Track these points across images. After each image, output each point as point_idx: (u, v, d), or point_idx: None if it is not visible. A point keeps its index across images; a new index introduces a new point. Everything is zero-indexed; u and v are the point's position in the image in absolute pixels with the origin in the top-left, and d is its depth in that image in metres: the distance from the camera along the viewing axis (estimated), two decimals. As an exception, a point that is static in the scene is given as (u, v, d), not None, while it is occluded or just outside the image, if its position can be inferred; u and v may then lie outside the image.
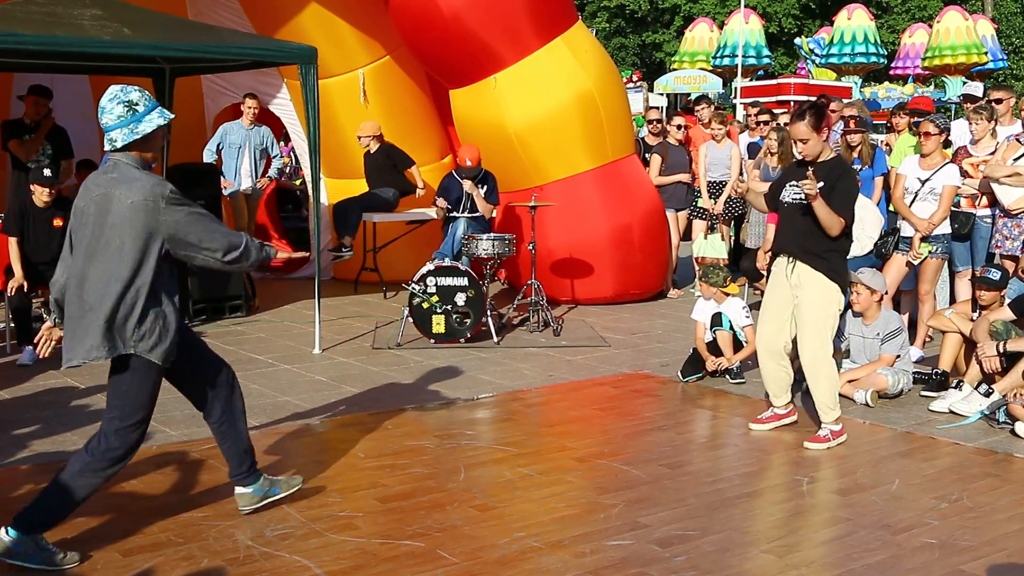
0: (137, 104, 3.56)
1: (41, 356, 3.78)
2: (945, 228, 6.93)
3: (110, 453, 3.61)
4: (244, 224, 9.62)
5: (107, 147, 3.58)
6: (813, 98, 5.61)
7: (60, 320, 3.71)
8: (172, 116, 3.66)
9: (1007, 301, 5.93)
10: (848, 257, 5.28)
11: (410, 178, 9.12)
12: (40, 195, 6.85)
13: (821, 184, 4.94)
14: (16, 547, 3.52)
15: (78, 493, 3.60)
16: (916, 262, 6.95)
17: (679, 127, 9.67)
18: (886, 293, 6.35)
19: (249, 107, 9.46)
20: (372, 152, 9.12)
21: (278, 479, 4.17)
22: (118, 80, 9.09)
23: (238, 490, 4.03)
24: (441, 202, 8.09)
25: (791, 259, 5.12)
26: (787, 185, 5.15)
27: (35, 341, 3.85)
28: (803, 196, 4.94)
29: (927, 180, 6.87)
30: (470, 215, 8.05)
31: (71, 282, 3.59)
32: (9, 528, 3.55)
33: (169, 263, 3.63)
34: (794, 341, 5.25)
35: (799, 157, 5.13)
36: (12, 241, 6.80)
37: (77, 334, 3.54)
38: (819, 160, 5.05)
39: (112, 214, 3.51)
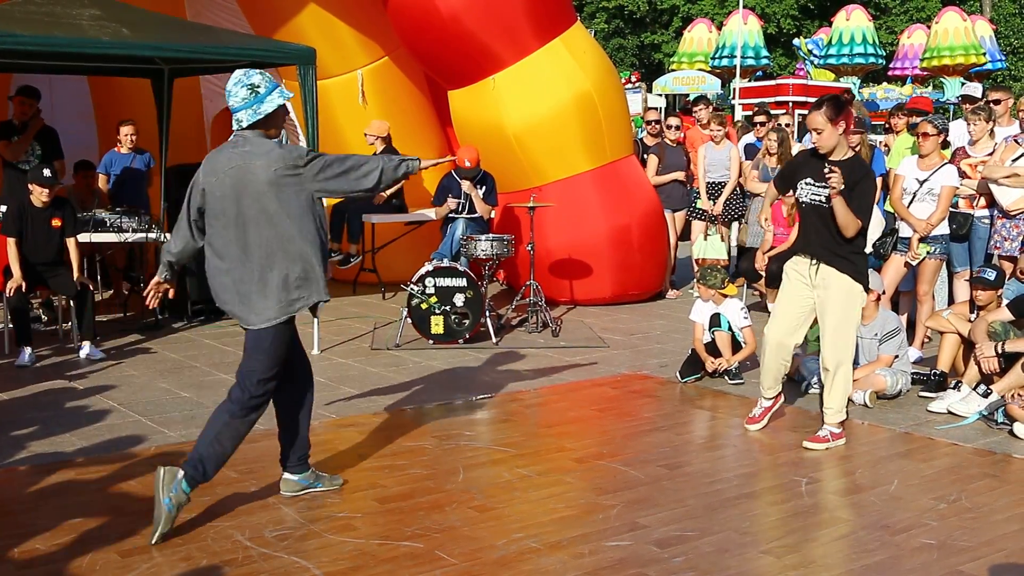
0: (259, 86, 3.87)
1: (150, 307, 4.18)
2: (943, 229, 6.94)
3: (253, 401, 3.97)
4: None
5: (234, 126, 3.87)
6: (813, 99, 5.60)
7: (171, 277, 4.16)
8: (291, 95, 3.96)
9: (1005, 302, 5.93)
10: None
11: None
12: (39, 195, 6.85)
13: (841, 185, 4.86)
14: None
15: (228, 444, 3.95)
16: (915, 263, 6.95)
17: (675, 127, 9.67)
18: (883, 293, 6.35)
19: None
20: (376, 154, 9.12)
21: (323, 475, 4.37)
22: (116, 81, 9.16)
23: (285, 475, 4.28)
24: (452, 202, 8.08)
25: (814, 260, 5.06)
26: (804, 183, 5.05)
27: (144, 293, 4.19)
28: (822, 199, 4.89)
29: (925, 181, 6.87)
30: (469, 216, 8.05)
31: (231, 250, 3.87)
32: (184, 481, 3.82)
33: (313, 217, 3.92)
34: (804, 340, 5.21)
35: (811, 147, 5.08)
36: (10, 242, 6.79)
37: (254, 298, 3.87)
38: (837, 158, 4.97)
39: (253, 183, 3.79)
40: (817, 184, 4.96)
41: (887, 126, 9.16)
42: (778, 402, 5.42)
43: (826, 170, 4.87)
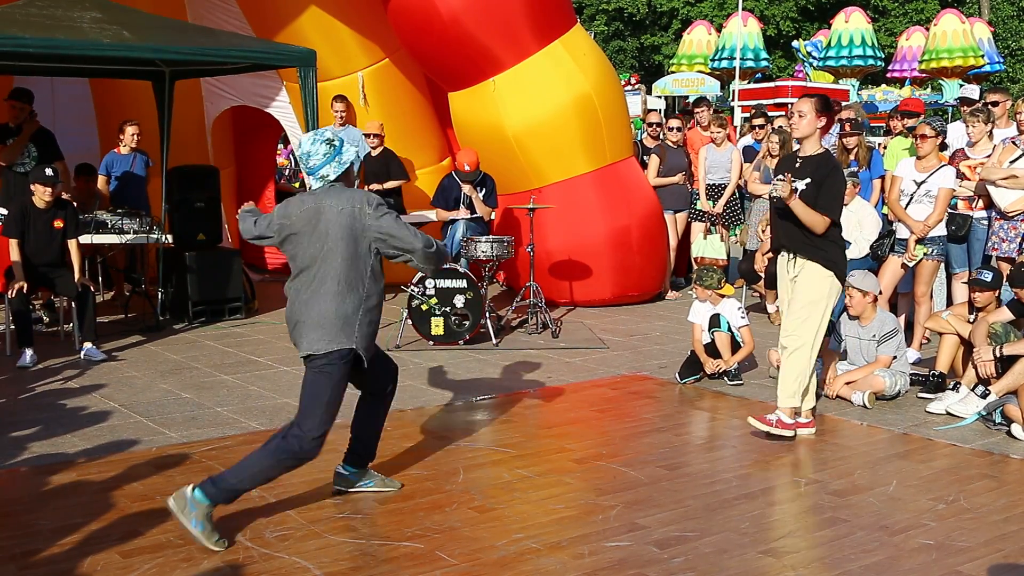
0: (334, 140, 4.00)
1: None
2: (940, 230, 6.95)
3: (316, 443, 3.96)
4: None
5: (317, 184, 3.99)
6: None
7: None
8: (359, 148, 4.00)
9: (1004, 302, 5.95)
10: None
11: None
12: (42, 195, 6.86)
13: (808, 180, 5.01)
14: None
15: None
16: (912, 264, 6.97)
17: (677, 129, 9.69)
18: (879, 294, 6.37)
19: (337, 111, 9.29)
20: (374, 155, 9.13)
21: (377, 475, 4.41)
22: (118, 83, 9.17)
23: (338, 468, 4.34)
24: (463, 211, 8.11)
25: (791, 255, 5.18)
26: (774, 181, 5.18)
27: None
28: (776, 197, 5.01)
29: (923, 182, 6.89)
30: (469, 217, 8.07)
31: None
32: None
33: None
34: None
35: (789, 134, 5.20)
36: (12, 243, 6.81)
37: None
38: (808, 154, 5.12)
39: (324, 222, 3.90)
40: (773, 184, 5.09)
41: (888, 128, 9.19)
42: (811, 426, 5.30)
43: (779, 176, 5.03)
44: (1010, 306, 5.85)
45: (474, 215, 8.10)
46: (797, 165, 5.12)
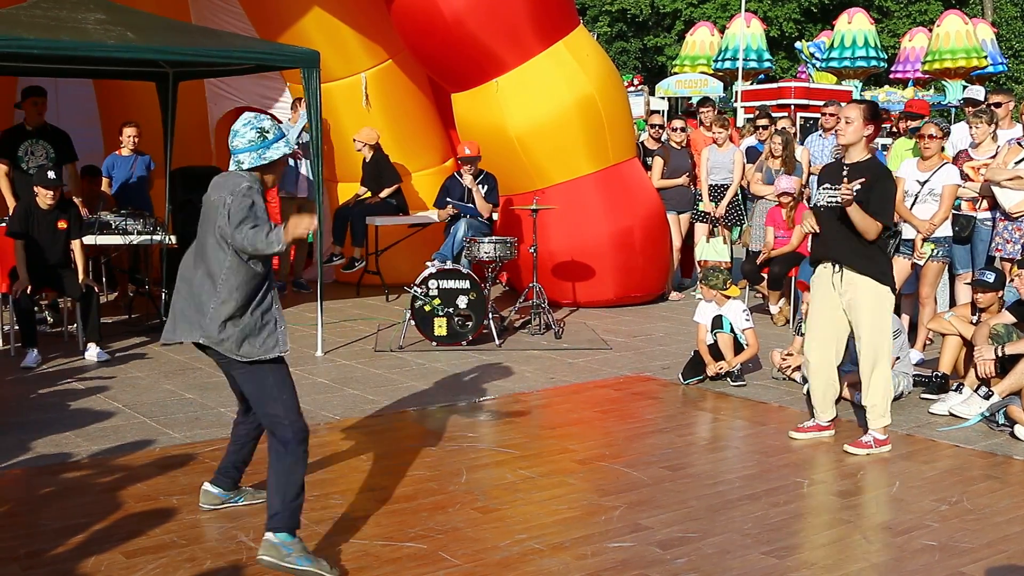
0: (268, 132, 3.71)
1: None
2: (946, 230, 6.94)
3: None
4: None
5: (232, 167, 3.73)
6: (815, 102, 5.66)
7: None
8: (295, 147, 3.78)
9: (1007, 304, 5.95)
10: None
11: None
12: (44, 198, 6.87)
13: (857, 187, 4.85)
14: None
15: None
16: (921, 262, 6.96)
17: (680, 130, 9.69)
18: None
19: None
20: (367, 160, 9.18)
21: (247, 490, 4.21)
22: (121, 84, 9.19)
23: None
24: (450, 209, 8.13)
25: (837, 266, 5.05)
26: (821, 189, 5.09)
27: None
28: (838, 199, 4.88)
29: (926, 182, 6.89)
30: (471, 216, 8.10)
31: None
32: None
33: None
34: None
35: (836, 143, 5.11)
36: (17, 244, 6.82)
37: None
38: (855, 161, 5.01)
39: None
40: (834, 188, 4.97)
41: (894, 130, 9.19)
42: (830, 430, 5.29)
43: (845, 175, 4.91)
44: (1011, 309, 5.84)
45: (474, 213, 8.12)
46: (845, 173, 4.96)
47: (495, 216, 8.43)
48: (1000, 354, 5.49)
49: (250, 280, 3.63)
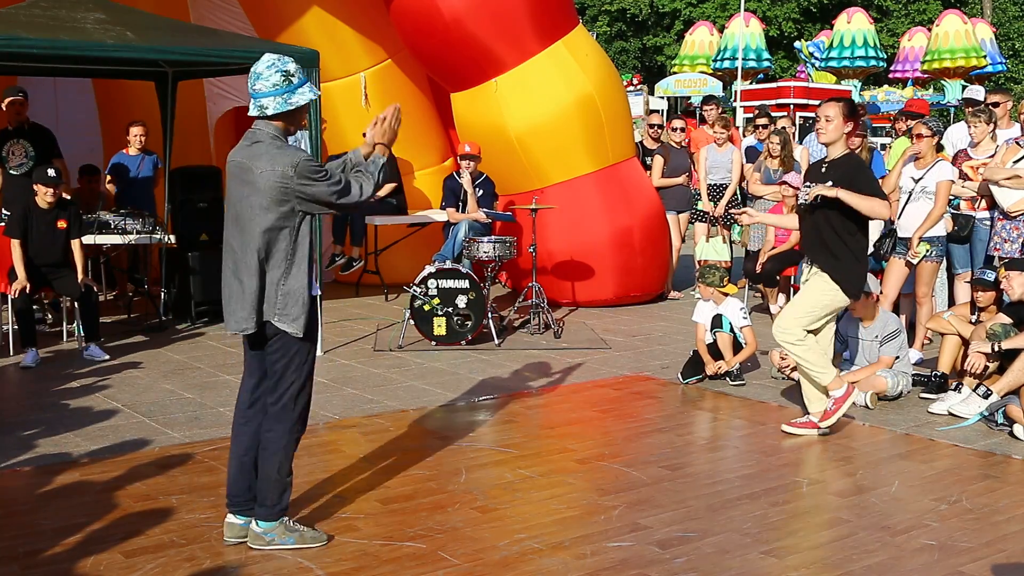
0: (293, 75, 3.54)
1: None
2: (940, 230, 6.95)
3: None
4: None
5: (254, 112, 3.56)
6: (814, 101, 5.71)
7: None
8: (319, 93, 3.64)
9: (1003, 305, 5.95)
10: None
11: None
12: (44, 195, 6.87)
13: (830, 183, 5.01)
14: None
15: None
16: (915, 261, 6.96)
17: (680, 130, 9.69)
18: (880, 294, 6.37)
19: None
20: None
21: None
22: (121, 84, 9.19)
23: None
24: (480, 214, 8.18)
25: (811, 264, 5.21)
26: (803, 186, 5.23)
27: None
28: (817, 197, 5.02)
29: (920, 179, 6.90)
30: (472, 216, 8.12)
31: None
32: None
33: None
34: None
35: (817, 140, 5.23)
36: (15, 243, 6.82)
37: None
38: (835, 157, 5.13)
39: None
40: (810, 188, 5.12)
41: (894, 130, 9.20)
42: (840, 405, 5.28)
43: (824, 171, 5.07)
44: (1006, 311, 5.84)
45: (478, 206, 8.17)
46: (824, 170, 5.14)
47: (489, 220, 8.43)
48: (996, 348, 5.49)
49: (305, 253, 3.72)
